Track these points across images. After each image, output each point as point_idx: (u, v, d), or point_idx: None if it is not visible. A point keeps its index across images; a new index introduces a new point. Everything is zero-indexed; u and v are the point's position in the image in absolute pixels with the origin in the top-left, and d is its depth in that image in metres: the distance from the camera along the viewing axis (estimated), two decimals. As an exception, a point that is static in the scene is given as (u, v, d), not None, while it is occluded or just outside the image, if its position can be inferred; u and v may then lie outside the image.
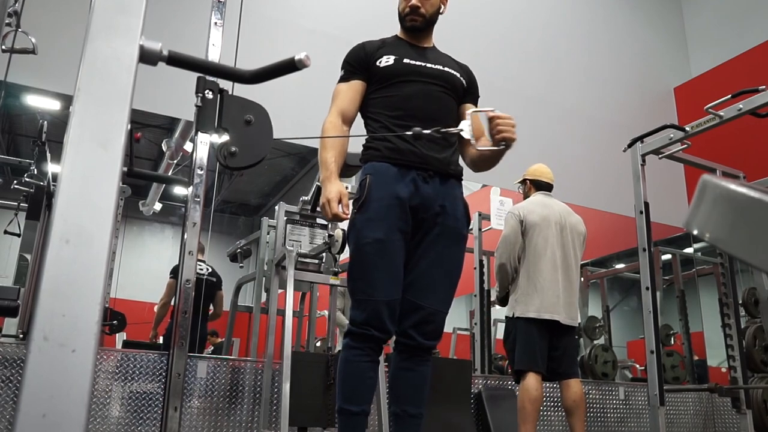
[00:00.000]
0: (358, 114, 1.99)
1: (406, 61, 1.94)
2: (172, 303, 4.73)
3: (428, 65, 1.96)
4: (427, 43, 2.05)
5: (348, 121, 1.93)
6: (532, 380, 2.85)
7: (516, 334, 2.97)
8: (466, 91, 2.03)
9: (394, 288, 1.79)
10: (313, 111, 4.08)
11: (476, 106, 2.05)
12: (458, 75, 2.00)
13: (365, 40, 2.09)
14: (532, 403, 2.82)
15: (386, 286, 1.78)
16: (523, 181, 3.31)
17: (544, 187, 3.22)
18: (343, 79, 1.98)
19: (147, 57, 0.80)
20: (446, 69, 1.98)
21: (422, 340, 1.82)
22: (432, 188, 1.84)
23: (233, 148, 1.00)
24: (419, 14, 1.97)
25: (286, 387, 2.64)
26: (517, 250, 3.00)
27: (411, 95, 1.90)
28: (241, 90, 1.15)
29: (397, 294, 1.79)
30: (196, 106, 0.99)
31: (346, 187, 1.84)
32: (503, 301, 3.12)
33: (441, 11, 2.04)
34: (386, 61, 1.93)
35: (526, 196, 3.27)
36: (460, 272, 1.90)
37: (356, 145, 1.97)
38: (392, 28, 2.11)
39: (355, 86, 1.95)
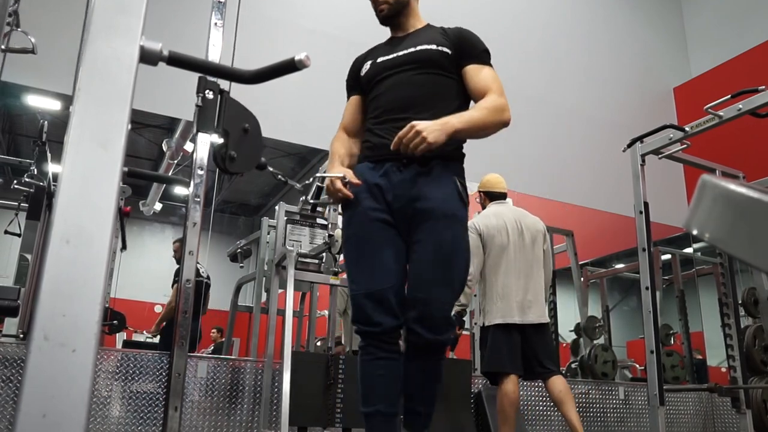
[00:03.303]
0: None
1: (379, 60, 1.92)
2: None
3: (398, 54, 1.90)
4: (411, 28, 1.98)
5: (353, 134, 1.96)
6: (510, 384, 2.96)
7: (491, 340, 3.07)
8: (458, 55, 1.87)
9: (373, 279, 1.74)
10: (313, 111, 4.09)
11: (483, 64, 1.88)
12: (434, 47, 1.87)
13: (365, 40, 2.09)
14: (512, 406, 2.94)
15: (364, 279, 1.75)
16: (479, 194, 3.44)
17: (497, 197, 3.34)
18: (347, 97, 2.03)
19: (147, 57, 0.80)
20: (418, 48, 1.88)
21: (426, 333, 1.72)
22: (407, 175, 1.77)
23: (233, 153, 1.00)
24: (382, 3, 1.93)
25: (286, 387, 2.64)
26: (480, 262, 3.11)
27: (383, 92, 1.88)
28: (241, 90, 1.15)
29: (378, 284, 1.73)
30: (197, 106, 0.99)
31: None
32: (460, 316, 3.22)
33: None
34: (365, 68, 1.95)
35: (483, 206, 3.39)
36: (453, 253, 1.76)
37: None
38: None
39: (353, 101, 1.99)
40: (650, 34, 5.93)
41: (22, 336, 3.00)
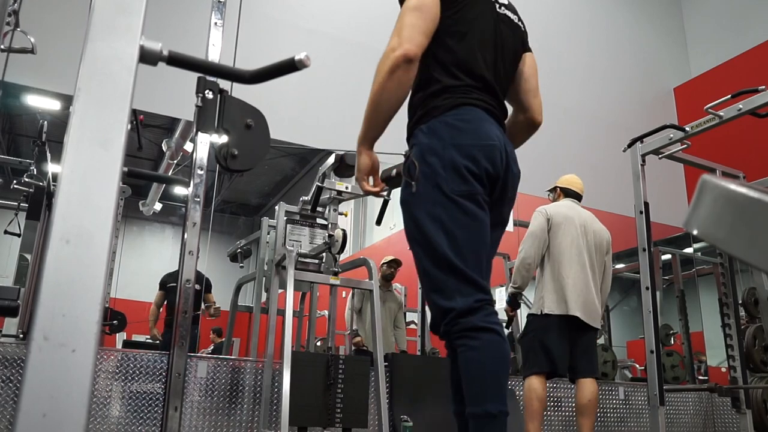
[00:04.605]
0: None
1: None
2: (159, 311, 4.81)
3: None
4: None
5: None
6: (537, 378, 2.93)
7: (536, 331, 3.01)
8: None
9: None
10: (312, 111, 4.09)
11: None
12: None
13: (365, 40, 2.09)
14: (540, 401, 2.91)
15: None
16: (554, 189, 3.46)
17: (572, 195, 3.37)
18: None
19: (147, 57, 0.80)
20: None
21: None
22: None
23: (235, 151, 1.00)
24: None
25: (286, 387, 2.64)
26: (543, 246, 3.07)
27: None
28: (240, 89, 1.15)
29: None
30: (197, 106, 1.00)
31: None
32: (515, 297, 3.18)
33: None
34: None
35: (554, 201, 3.42)
36: (412, 240, 1.57)
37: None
38: (392, 28, 2.10)
39: None
40: (650, 34, 5.93)
41: (22, 336, 3.00)
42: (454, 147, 1.52)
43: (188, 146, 4.60)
